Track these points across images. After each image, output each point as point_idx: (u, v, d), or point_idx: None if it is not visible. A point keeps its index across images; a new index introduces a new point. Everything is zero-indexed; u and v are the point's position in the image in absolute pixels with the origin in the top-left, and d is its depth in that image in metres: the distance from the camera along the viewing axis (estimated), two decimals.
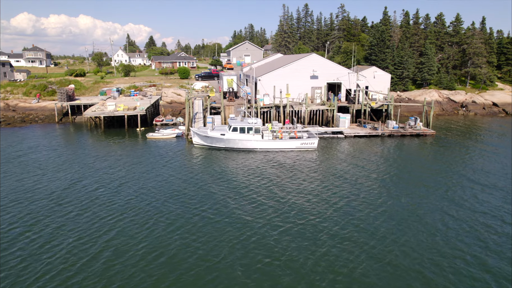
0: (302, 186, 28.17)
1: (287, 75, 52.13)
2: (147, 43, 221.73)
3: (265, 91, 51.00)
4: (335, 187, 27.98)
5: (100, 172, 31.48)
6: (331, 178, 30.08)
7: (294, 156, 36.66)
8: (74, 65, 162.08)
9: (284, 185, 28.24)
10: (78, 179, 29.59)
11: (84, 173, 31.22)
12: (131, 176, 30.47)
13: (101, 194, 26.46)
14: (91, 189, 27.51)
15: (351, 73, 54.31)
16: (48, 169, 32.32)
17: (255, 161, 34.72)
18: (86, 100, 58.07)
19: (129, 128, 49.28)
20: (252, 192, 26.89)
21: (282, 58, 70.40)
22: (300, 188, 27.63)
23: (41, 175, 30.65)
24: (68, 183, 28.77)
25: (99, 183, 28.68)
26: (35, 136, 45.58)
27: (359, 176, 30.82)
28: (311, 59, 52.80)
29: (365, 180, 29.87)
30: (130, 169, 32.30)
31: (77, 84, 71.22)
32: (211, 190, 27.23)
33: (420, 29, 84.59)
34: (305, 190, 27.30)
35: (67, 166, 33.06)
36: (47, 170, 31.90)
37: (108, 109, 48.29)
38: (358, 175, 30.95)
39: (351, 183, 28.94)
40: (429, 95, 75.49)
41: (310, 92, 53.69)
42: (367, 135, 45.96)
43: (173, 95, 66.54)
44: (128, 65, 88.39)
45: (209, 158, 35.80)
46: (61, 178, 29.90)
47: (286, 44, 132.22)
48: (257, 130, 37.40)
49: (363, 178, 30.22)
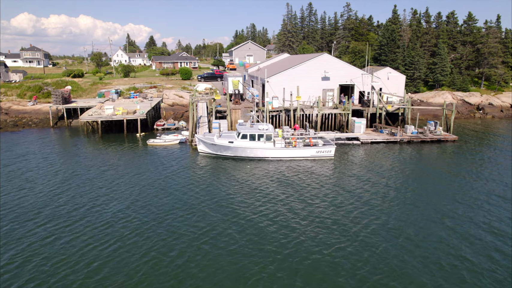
0: (320, 201, 24.88)
1: (296, 77, 48.89)
2: (147, 43, 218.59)
3: (274, 94, 47.73)
4: (358, 203, 24.68)
5: (95, 186, 28.17)
6: (352, 192, 26.78)
7: (309, 166, 33.37)
8: (73, 65, 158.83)
9: (300, 200, 24.95)
10: (69, 196, 26.28)
11: (76, 188, 27.91)
12: (130, 192, 27.16)
13: (95, 215, 23.15)
14: (84, 208, 24.20)
15: (365, 74, 51.02)
16: (36, 182, 29.02)
17: (267, 172, 31.43)
18: (83, 103, 54.78)
19: (129, 133, 45.99)
20: (266, 209, 23.59)
21: (289, 58, 67.13)
22: (318, 204, 24.34)
23: (28, 189, 27.33)
24: (57, 200, 25.46)
25: (93, 201, 25.37)
26: (27, 142, 42.27)
27: (382, 189, 27.50)
28: (322, 60, 49.51)
29: (390, 194, 26.55)
30: (129, 182, 28.99)
31: (74, 86, 67.91)
32: (221, 206, 23.93)
33: (432, 28, 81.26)
34: (324, 205, 24.01)
35: (58, 179, 29.73)
36: (36, 183, 28.59)
37: (106, 113, 45.00)
38: (381, 188, 27.64)
39: (375, 197, 25.64)
40: (442, 97, 72.20)
41: (321, 94, 50.43)
42: (385, 141, 42.66)
43: (174, 97, 63.24)
44: (128, 65, 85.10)
45: (216, 169, 32.50)
46: (50, 194, 26.60)
47: (290, 44, 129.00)
48: (269, 137, 34.09)
49: (387, 192, 26.91)
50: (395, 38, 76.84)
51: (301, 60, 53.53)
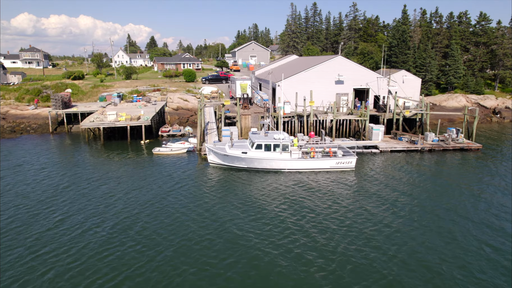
0: (343, 219, 22.37)
1: (309, 80, 46.38)
2: (148, 44, 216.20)
3: (285, 98, 45.19)
4: (386, 224, 22.17)
5: (96, 202, 25.64)
6: (378, 211, 24.25)
7: (328, 178, 30.84)
8: (73, 66, 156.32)
9: (321, 217, 22.43)
10: (65, 213, 23.75)
11: (75, 204, 25.39)
12: (137, 211, 24.64)
13: (95, 237, 20.64)
14: (82, 229, 21.67)
15: (380, 77, 48.50)
16: (30, 197, 26.48)
17: (284, 186, 28.89)
18: (83, 107, 52.26)
19: (132, 140, 43.48)
20: (286, 229, 21.08)
21: (298, 60, 64.61)
22: (342, 222, 21.83)
23: (22, 207, 24.80)
24: (52, 219, 22.92)
25: (93, 221, 22.84)
26: (24, 151, 39.74)
27: (409, 207, 24.99)
28: (336, 62, 46.99)
29: (418, 214, 24.04)
30: (135, 199, 26.46)
31: (74, 89, 65.42)
32: (235, 225, 21.42)
33: (443, 29, 78.73)
34: (346, 223, 21.50)
35: (55, 194, 27.21)
36: (30, 199, 26.06)
37: (109, 119, 42.48)
38: (408, 206, 25.12)
39: (401, 215, 23.14)
40: (456, 100, 69.72)
41: (334, 98, 47.92)
42: (405, 150, 40.13)
43: (179, 101, 60.74)
44: (130, 67, 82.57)
45: (229, 182, 29.95)
46: (45, 211, 24.06)
47: (295, 45, 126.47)
48: (285, 147, 31.57)
49: (415, 212, 24.39)
50: (406, 39, 74.33)
51: (312, 63, 51.01)
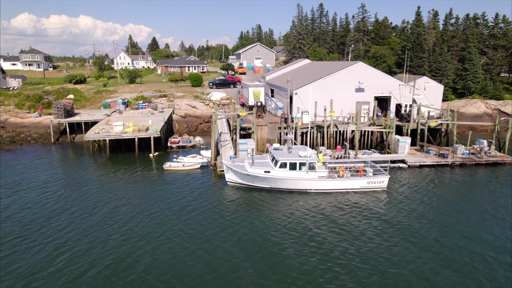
0: (384, 250, 19.52)
1: (328, 88, 43.54)
2: (150, 45, 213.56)
3: (304, 107, 42.37)
4: (430, 256, 19.31)
5: (99, 231, 22.76)
6: (420, 239, 21.40)
7: (359, 200, 27.99)
8: (74, 68, 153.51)
9: (360, 247, 19.59)
10: (64, 242, 20.89)
11: (77, 232, 22.51)
12: (147, 242, 21.77)
13: (97, 274, 17.77)
14: (85, 263, 18.80)
15: (403, 85, 45.63)
16: (30, 227, 23.57)
17: (313, 210, 26.02)
18: (87, 116, 49.37)
19: (140, 153, 40.60)
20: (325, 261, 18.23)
21: (311, 65, 61.75)
22: (383, 254, 18.98)
23: (17, 237, 21.92)
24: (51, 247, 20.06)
25: (98, 252, 19.96)
26: (23, 165, 36.84)
27: (449, 232, 22.13)
28: (356, 69, 44.12)
29: (463, 243, 21.19)
30: (147, 226, 23.58)
31: (76, 94, 62.55)
32: (262, 261, 18.57)
33: (460, 31, 75.85)
34: (389, 254, 18.66)
35: (58, 222, 24.31)
36: (26, 228, 23.13)
37: (115, 130, 39.61)
38: (448, 231, 22.26)
39: (445, 244, 20.28)
40: (475, 105, 66.89)
41: (354, 107, 45.08)
42: (434, 165, 37.25)
43: (187, 108, 57.86)
44: (134, 70, 79.67)
45: (251, 206, 27.07)
46: (43, 242, 21.17)
47: (301, 47, 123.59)
48: (312, 165, 28.69)
49: (459, 240, 21.54)
50: (421, 42, 71.45)
51: (330, 69, 48.15)
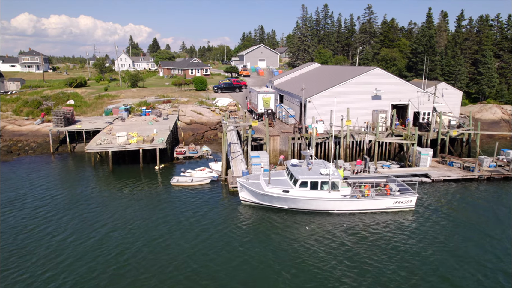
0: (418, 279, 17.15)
1: (343, 95, 41.11)
2: (151, 45, 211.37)
3: (318, 116, 39.98)
4: None
5: (95, 259, 20.32)
6: (458, 272, 19.01)
7: (385, 223, 25.58)
8: (74, 70, 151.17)
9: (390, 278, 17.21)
10: (56, 274, 18.45)
11: (72, 260, 20.08)
12: (153, 272, 19.33)
13: None
14: None
15: (422, 92, 43.22)
16: (19, 251, 21.13)
17: (336, 233, 23.62)
18: (88, 123, 46.93)
19: (145, 164, 38.17)
20: None
21: (321, 69, 59.34)
22: None
23: (4, 267, 19.49)
24: (43, 278, 17.70)
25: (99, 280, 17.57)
26: (20, 179, 34.40)
27: (489, 261, 19.77)
28: (373, 75, 41.71)
29: None
30: (148, 252, 21.15)
31: (77, 100, 60.13)
32: None
33: (473, 33, 73.44)
34: None
35: (56, 249, 21.90)
36: (15, 255, 20.70)
37: (118, 141, 37.18)
38: (488, 260, 19.90)
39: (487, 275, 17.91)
40: (490, 111, 64.49)
41: (371, 116, 42.69)
42: (460, 179, 34.82)
43: (192, 114, 55.46)
44: (136, 74, 77.25)
45: (268, 228, 24.65)
46: (35, 273, 18.74)
47: (305, 48, 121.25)
48: (335, 184, 26.27)
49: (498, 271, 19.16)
50: (433, 45, 69.04)
51: (342, 74, 45.75)
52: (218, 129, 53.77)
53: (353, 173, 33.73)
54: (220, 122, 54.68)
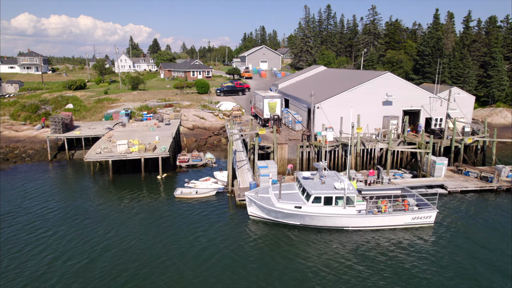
0: None
1: (352, 101, 39.48)
2: (151, 46, 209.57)
3: (328, 122, 38.34)
4: None
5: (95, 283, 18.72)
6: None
7: (403, 240, 23.95)
8: (74, 71, 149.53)
9: None
10: None
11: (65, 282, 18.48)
12: None
13: None
14: None
15: (434, 97, 41.56)
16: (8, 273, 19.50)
17: (352, 251, 21.99)
18: (87, 129, 45.27)
19: (147, 174, 36.51)
20: None
21: (327, 73, 57.69)
22: None
23: None
24: None
25: None
26: (14, 189, 32.73)
27: None
28: (384, 80, 40.07)
29: None
30: (152, 274, 19.49)
31: (76, 104, 58.51)
32: None
33: (482, 35, 71.77)
34: None
35: (50, 269, 20.25)
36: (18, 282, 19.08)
37: (119, 150, 35.51)
38: None
39: None
40: (501, 115, 62.92)
41: (381, 122, 41.06)
42: (478, 190, 33.16)
43: (195, 119, 53.83)
44: (137, 76, 75.60)
45: (280, 247, 23.02)
46: None
47: (308, 50, 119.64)
48: (350, 200, 24.63)
49: None
50: (442, 47, 67.36)
51: (350, 78, 44.14)
52: (221, 135, 52.15)
53: (366, 185, 32.10)
54: (223, 127, 53.07)
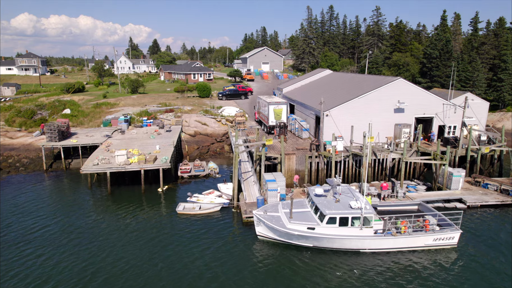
0: None
1: (363, 108, 37.68)
2: (151, 47, 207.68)
3: (338, 131, 36.45)
4: None
5: None
6: None
7: (424, 262, 22.06)
8: (73, 72, 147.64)
9: None
10: None
11: None
12: None
13: None
14: None
15: (448, 104, 39.67)
16: None
17: (371, 275, 20.08)
18: (85, 137, 43.34)
19: (147, 186, 34.57)
20: None
21: (333, 77, 55.78)
22: None
23: None
24: None
25: None
26: (5, 203, 30.81)
27: None
28: (396, 86, 38.16)
29: None
30: None
31: (74, 109, 56.57)
32: None
33: (491, 37, 69.88)
34: None
35: None
36: None
37: (117, 161, 33.56)
38: None
39: None
40: None
41: (392, 130, 39.16)
42: (498, 204, 31.25)
43: (196, 125, 51.92)
44: (136, 80, 73.61)
45: (291, 271, 21.10)
46: None
47: (311, 51, 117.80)
48: (368, 220, 22.73)
49: None
50: (450, 49, 65.48)
51: (359, 83, 42.26)
52: (224, 141, 50.27)
53: (380, 199, 30.21)
54: (226, 133, 51.19)
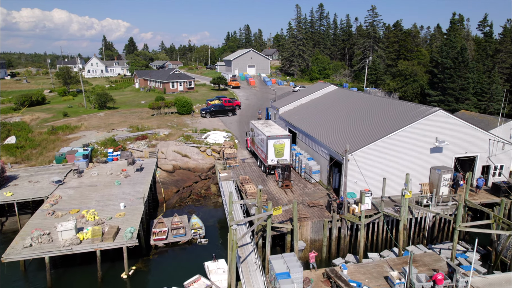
0: None
1: (391, 148, 28.96)
2: (127, 45, 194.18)
3: (364, 181, 27.60)
4: None
5: None
6: None
7: None
8: (37, 76, 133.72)
9: None
10: None
11: None
12: None
13: None
14: None
15: (495, 140, 31.44)
16: None
17: None
18: (26, 184, 32.85)
19: (105, 268, 24.76)
20: None
21: (338, 94, 46.80)
22: None
23: None
24: None
25: None
26: None
27: None
28: (434, 120, 29.57)
29: None
30: None
31: (22, 135, 45.62)
32: None
33: (508, 44, 62.67)
34: None
35: None
36: None
37: (61, 238, 23.51)
38: None
39: None
40: None
41: (428, 175, 30.67)
42: None
43: (175, 157, 42.16)
44: (104, 94, 62.53)
45: None
46: None
47: (300, 54, 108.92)
48: None
49: None
50: (466, 59, 57.74)
51: (376, 106, 33.53)
52: (211, 178, 40.77)
53: None
54: (213, 167, 41.71)
